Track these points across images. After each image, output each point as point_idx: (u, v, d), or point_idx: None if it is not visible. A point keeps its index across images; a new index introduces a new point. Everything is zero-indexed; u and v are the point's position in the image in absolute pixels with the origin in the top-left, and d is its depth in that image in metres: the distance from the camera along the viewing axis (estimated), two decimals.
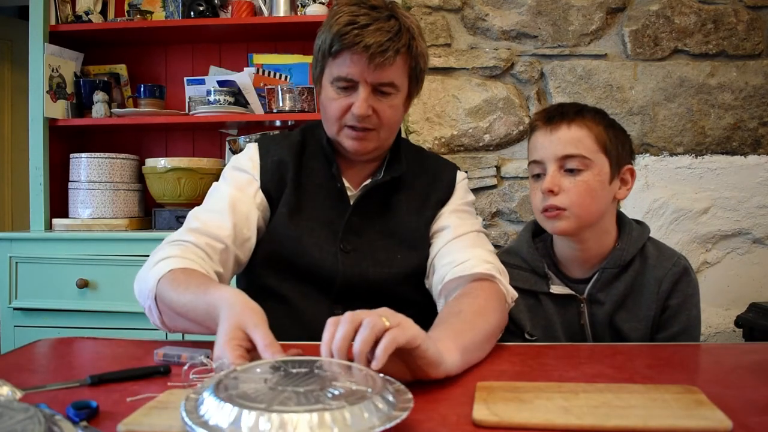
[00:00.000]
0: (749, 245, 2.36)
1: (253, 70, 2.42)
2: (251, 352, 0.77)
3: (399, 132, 1.25)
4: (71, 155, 2.35)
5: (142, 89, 2.40)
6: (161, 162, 2.28)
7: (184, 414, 0.58)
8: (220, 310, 0.82)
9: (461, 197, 1.27)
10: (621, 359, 0.95)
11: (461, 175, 1.30)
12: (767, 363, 0.95)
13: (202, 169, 2.28)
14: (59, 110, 2.35)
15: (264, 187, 1.19)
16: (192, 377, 0.78)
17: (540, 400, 0.70)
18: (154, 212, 2.34)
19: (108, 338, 1.09)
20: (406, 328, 0.74)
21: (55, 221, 2.31)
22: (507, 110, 2.43)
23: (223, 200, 1.15)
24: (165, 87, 2.48)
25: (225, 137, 2.54)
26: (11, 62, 3.73)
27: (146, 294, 0.99)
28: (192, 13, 2.33)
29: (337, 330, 0.73)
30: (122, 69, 2.55)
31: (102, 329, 2.05)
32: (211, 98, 2.33)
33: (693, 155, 2.37)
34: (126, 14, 2.47)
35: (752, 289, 2.34)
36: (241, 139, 2.46)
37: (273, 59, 2.47)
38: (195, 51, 2.57)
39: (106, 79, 2.47)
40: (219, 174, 1.27)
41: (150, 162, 2.32)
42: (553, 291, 1.22)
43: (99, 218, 2.28)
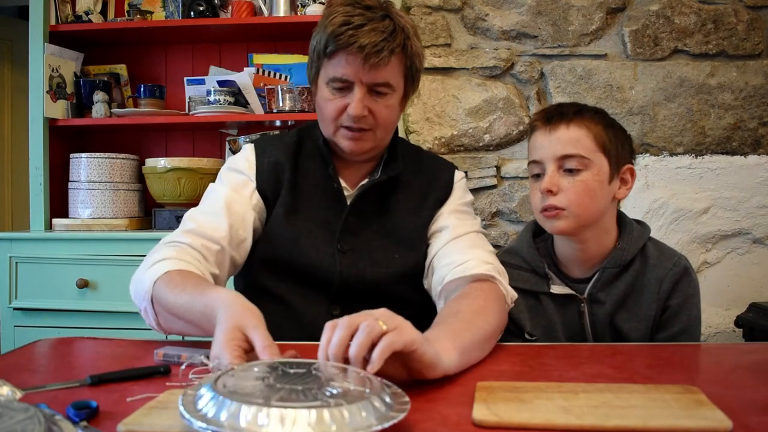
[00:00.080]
0: (749, 245, 2.36)
1: (253, 70, 2.42)
2: (249, 353, 0.77)
3: (396, 131, 1.25)
4: (71, 155, 2.35)
5: (142, 89, 2.40)
6: (161, 162, 2.28)
7: (182, 408, 0.57)
8: (218, 312, 0.82)
9: (459, 197, 1.26)
10: (621, 359, 0.95)
11: (459, 175, 1.29)
12: (767, 363, 0.95)
13: (202, 169, 2.28)
14: (59, 110, 2.35)
15: (260, 188, 1.19)
16: (191, 377, 0.78)
17: (540, 400, 0.70)
18: (154, 212, 2.34)
19: (108, 338, 1.09)
20: (403, 333, 0.74)
21: (55, 221, 2.31)
22: (507, 110, 2.43)
23: (219, 201, 1.14)
24: (165, 87, 2.48)
25: (225, 137, 2.54)
26: (11, 62, 3.73)
27: (142, 295, 0.99)
28: (192, 13, 2.33)
29: (334, 334, 0.73)
30: (122, 69, 2.55)
31: (102, 329, 2.05)
32: (211, 98, 2.33)
33: (693, 155, 2.37)
34: (126, 14, 2.47)
35: (752, 289, 2.34)
36: (241, 139, 2.46)
37: (273, 59, 2.47)
38: (195, 51, 2.57)
39: (106, 79, 2.47)
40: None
41: (150, 162, 2.32)
42: (554, 291, 1.22)
43: (99, 218, 2.28)
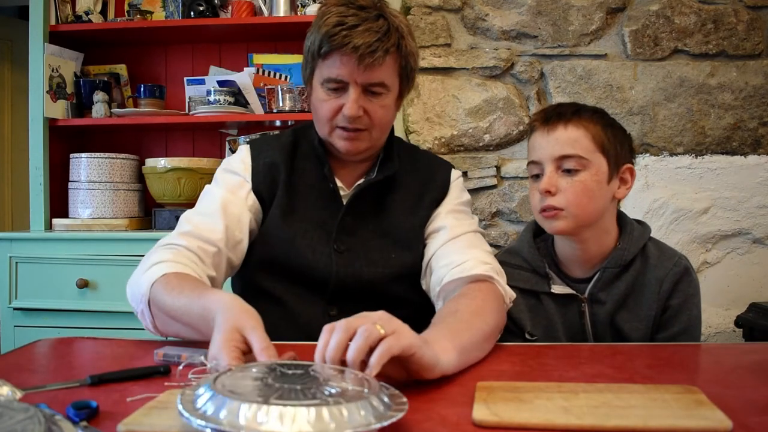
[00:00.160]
0: (749, 245, 2.36)
1: (253, 70, 2.42)
2: (247, 355, 0.77)
3: (392, 131, 1.25)
4: (71, 155, 2.35)
5: (142, 89, 2.40)
6: (161, 162, 2.28)
7: (181, 407, 0.57)
8: (216, 314, 0.82)
9: (456, 197, 1.26)
10: (621, 359, 0.95)
11: (456, 174, 1.29)
12: (767, 363, 0.95)
13: (202, 169, 2.28)
14: (59, 110, 2.35)
15: (256, 189, 1.19)
16: (190, 377, 0.78)
17: (540, 400, 0.70)
18: (154, 212, 2.34)
19: (108, 338, 1.09)
20: (401, 337, 0.74)
21: (55, 221, 2.31)
22: (507, 110, 2.43)
23: (215, 203, 1.14)
24: (165, 87, 2.48)
25: (225, 137, 2.54)
26: (11, 62, 3.73)
27: (139, 298, 0.99)
28: (192, 13, 2.33)
29: (331, 338, 0.72)
30: (122, 69, 2.55)
31: (102, 329, 2.05)
32: (211, 98, 2.33)
33: (693, 155, 2.37)
34: (126, 14, 2.47)
35: (752, 289, 2.34)
36: (241, 139, 2.46)
37: (273, 59, 2.47)
38: (195, 51, 2.57)
39: (106, 79, 2.47)
40: None
41: (150, 162, 2.32)
42: (554, 291, 1.22)
43: (99, 218, 2.28)
